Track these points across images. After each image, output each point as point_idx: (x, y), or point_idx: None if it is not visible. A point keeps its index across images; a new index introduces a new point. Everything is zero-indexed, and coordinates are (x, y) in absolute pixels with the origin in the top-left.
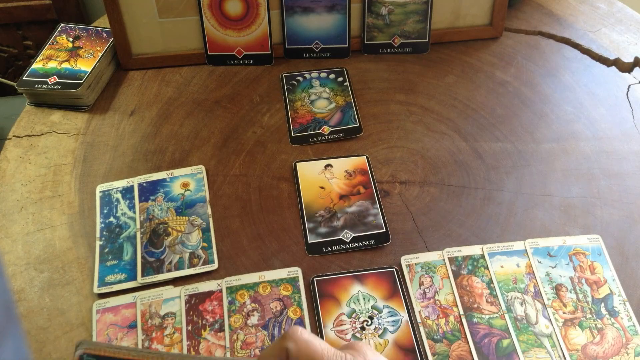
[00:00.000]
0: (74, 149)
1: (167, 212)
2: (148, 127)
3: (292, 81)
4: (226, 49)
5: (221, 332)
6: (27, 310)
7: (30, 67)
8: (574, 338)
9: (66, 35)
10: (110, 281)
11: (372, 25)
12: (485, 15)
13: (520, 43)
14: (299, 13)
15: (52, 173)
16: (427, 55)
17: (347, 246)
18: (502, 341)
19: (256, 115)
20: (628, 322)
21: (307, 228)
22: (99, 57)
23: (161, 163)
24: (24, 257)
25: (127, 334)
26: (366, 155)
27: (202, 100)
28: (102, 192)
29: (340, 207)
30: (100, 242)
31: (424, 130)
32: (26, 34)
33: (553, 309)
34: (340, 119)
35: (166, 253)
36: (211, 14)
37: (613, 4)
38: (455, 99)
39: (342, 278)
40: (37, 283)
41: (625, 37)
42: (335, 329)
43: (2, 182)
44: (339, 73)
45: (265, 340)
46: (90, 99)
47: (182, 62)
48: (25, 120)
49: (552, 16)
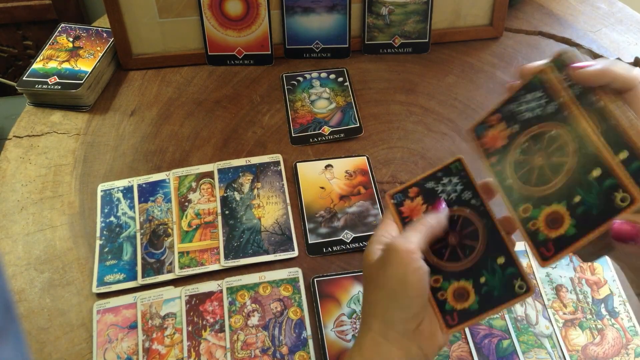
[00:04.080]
0: (74, 149)
1: (167, 212)
2: (148, 127)
3: (293, 81)
4: (226, 49)
5: (221, 332)
6: (27, 310)
7: (31, 67)
8: (574, 339)
9: (66, 35)
10: (109, 281)
11: (372, 26)
12: (485, 15)
13: (520, 43)
14: (299, 13)
15: (52, 173)
16: (427, 56)
17: (347, 246)
18: (502, 342)
19: (256, 116)
20: (628, 322)
21: (307, 228)
22: (99, 57)
23: (161, 163)
24: (25, 257)
25: (128, 335)
26: (366, 155)
27: (203, 100)
28: (103, 191)
29: (341, 208)
30: (100, 242)
31: (424, 130)
32: (26, 34)
33: (553, 310)
34: (341, 119)
35: (166, 254)
36: (211, 14)
37: (613, 4)
38: (456, 99)
39: (343, 278)
40: (38, 283)
41: (625, 37)
42: (335, 329)
43: (3, 182)
44: (339, 73)
45: (265, 340)
46: (90, 99)
47: (182, 62)
48: (26, 121)
49: (552, 16)
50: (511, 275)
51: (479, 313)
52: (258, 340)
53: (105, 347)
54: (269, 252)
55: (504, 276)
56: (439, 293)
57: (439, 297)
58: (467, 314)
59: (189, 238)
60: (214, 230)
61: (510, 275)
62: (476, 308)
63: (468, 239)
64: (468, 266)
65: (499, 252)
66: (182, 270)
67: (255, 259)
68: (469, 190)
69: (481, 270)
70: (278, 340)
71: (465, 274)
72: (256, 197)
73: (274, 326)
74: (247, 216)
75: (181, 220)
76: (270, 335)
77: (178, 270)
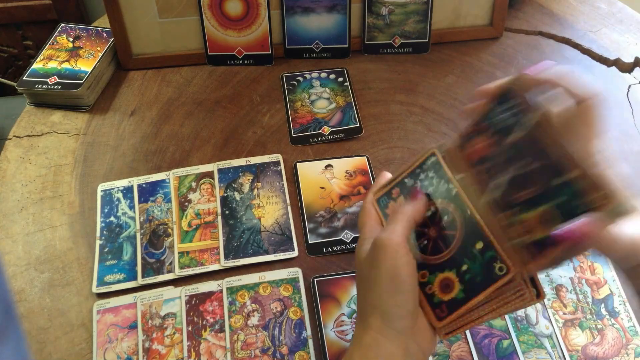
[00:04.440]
0: (74, 149)
1: (167, 212)
2: (148, 127)
3: (293, 81)
4: (226, 49)
5: (221, 332)
6: (27, 310)
7: (31, 67)
8: (574, 339)
9: (66, 35)
10: (109, 281)
11: (372, 26)
12: (485, 15)
13: (520, 43)
14: (299, 13)
15: (52, 173)
16: (427, 56)
17: (347, 246)
18: (503, 342)
19: (256, 116)
20: (628, 322)
21: (307, 228)
22: (99, 57)
23: (161, 163)
24: (25, 257)
25: (128, 335)
26: (366, 155)
27: (203, 100)
28: (103, 191)
29: (341, 208)
30: (100, 242)
31: (424, 130)
32: (26, 34)
33: (553, 310)
34: (341, 119)
35: (166, 254)
36: (211, 14)
37: (613, 4)
38: (456, 99)
39: (343, 278)
40: (38, 283)
41: (625, 37)
42: (335, 329)
43: (3, 182)
44: (339, 73)
45: (265, 340)
46: (90, 99)
47: (182, 62)
48: (26, 121)
49: (552, 16)
50: (490, 259)
51: (465, 301)
52: (258, 340)
53: (105, 347)
54: (269, 252)
55: (484, 260)
56: (426, 287)
57: (427, 291)
58: (455, 304)
59: (189, 238)
60: (214, 230)
61: (490, 259)
62: (462, 297)
63: (447, 229)
64: (449, 256)
65: (477, 238)
66: (182, 270)
67: (255, 259)
68: (444, 181)
69: (462, 258)
70: (278, 340)
71: (448, 264)
72: (256, 197)
73: (274, 326)
74: (247, 216)
75: (181, 220)
76: (270, 335)
77: (178, 270)
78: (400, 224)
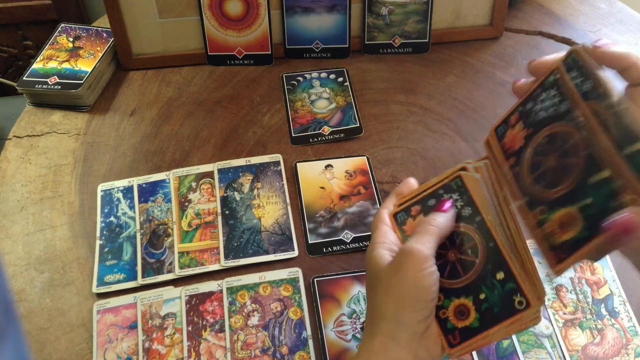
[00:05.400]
0: (74, 149)
1: (167, 212)
2: (148, 127)
3: (293, 81)
4: (226, 49)
5: (221, 332)
6: (27, 310)
7: (31, 67)
8: (574, 339)
9: (66, 35)
10: (109, 281)
11: (372, 26)
12: (485, 15)
13: (520, 43)
14: (299, 13)
15: (52, 173)
16: (427, 56)
17: (347, 246)
18: (502, 342)
19: (256, 116)
20: (628, 322)
21: (307, 228)
22: (99, 57)
23: (161, 163)
24: (25, 257)
25: (128, 335)
26: (366, 155)
27: (203, 100)
28: (103, 191)
29: (341, 208)
30: (100, 242)
31: (424, 130)
32: (26, 34)
33: (553, 310)
34: (341, 119)
35: (166, 254)
36: (211, 14)
37: (613, 4)
38: (456, 99)
39: (343, 278)
40: (38, 283)
41: (625, 37)
42: (335, 329)
43: (3, 182)
44: (339, 73)
45: (265, 340)
46: (90, 99)
47: (182, 62)
48: (26, 121)
49: (552, 16)
50: (510, 291)
51: (479, 331)
52: (258, 340)
53: (105, 347)
54: (269, 252)
55: (503, 292)
56: (440, 311)
57: (440, 315)
58: (468, 332)
59: (189, 238)
60: (214, 230)
61: (510, 291)
62: (477, 326)
63: (468, 254)
64: (467, 282)
65: (499, 268)
66: (182, 270)
67: (255, 259)
68: (469, 206)
69: (480, 286)
70: (278, 340)
71: (465, 290)
72: (256, 197)
73: (274, 326)
74: (247, 216)
75: (181, 220)
76: (270, 335)
77: (178, 270)
78: (430, 236)
